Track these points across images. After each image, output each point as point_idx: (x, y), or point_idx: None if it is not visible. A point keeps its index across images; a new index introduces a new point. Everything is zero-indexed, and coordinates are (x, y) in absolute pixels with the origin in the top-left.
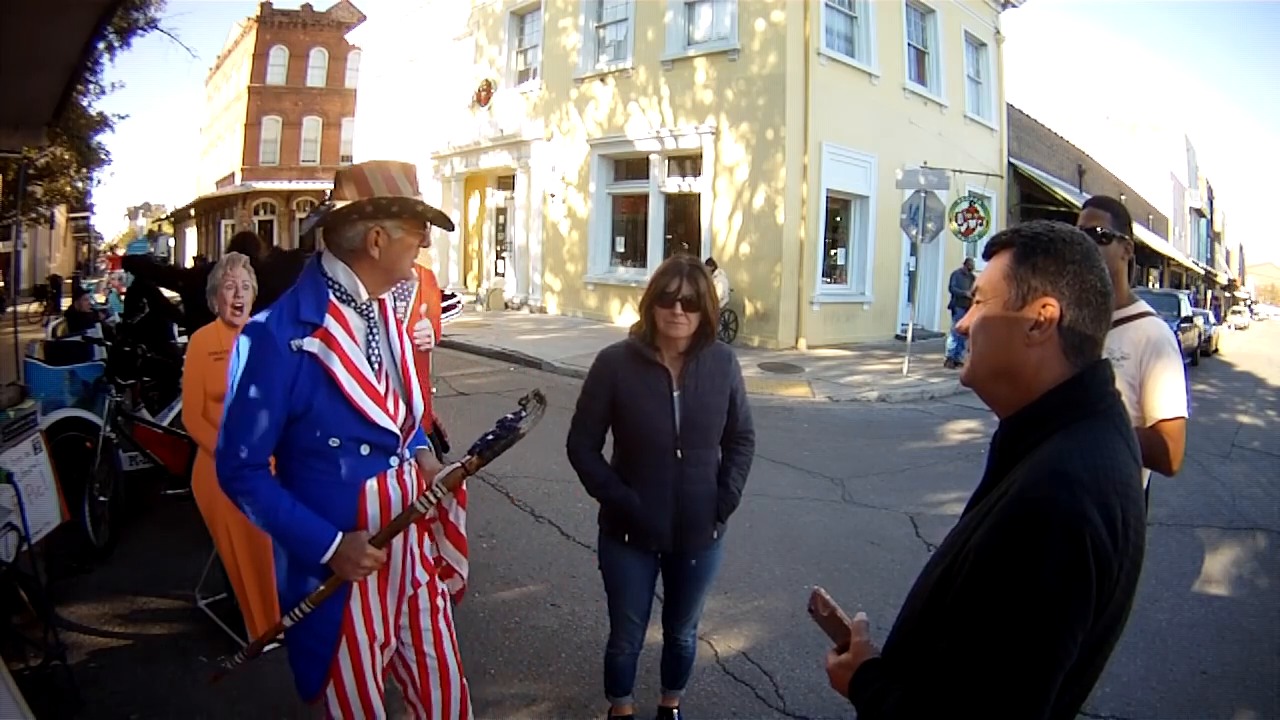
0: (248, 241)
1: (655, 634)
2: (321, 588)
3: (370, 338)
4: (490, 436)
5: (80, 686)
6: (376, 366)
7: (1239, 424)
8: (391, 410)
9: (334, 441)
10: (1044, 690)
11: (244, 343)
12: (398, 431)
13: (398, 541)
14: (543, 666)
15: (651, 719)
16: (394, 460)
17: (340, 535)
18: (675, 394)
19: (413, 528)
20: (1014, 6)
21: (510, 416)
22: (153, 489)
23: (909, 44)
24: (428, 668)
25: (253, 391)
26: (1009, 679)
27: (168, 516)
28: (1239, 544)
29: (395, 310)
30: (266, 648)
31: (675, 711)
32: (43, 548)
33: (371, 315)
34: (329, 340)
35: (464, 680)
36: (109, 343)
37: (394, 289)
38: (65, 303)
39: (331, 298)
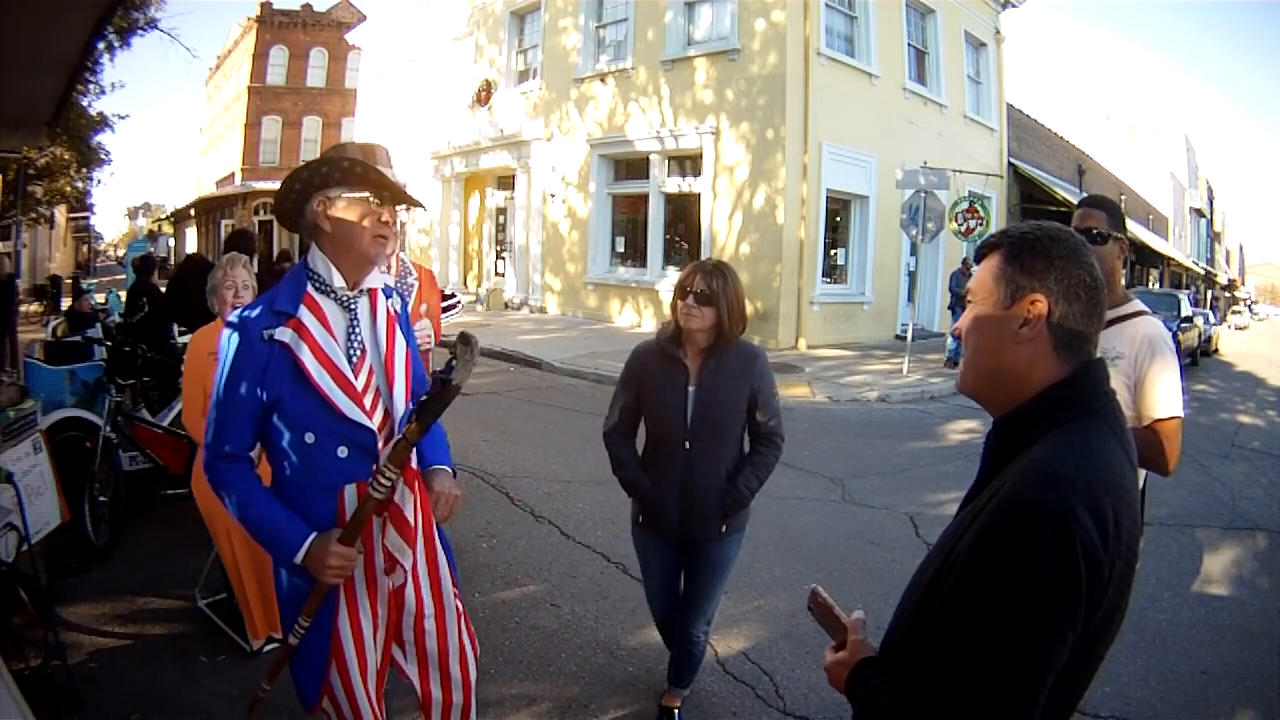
0: (245, 239)
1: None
2: (311, 597)
3: (351, 331)
4: (423, 397)
5: (80, 686)
6: (356, 361)
7: (1239, 424)
8: (368, 406)
9: (309, 438)
10: (1033, 691)
11: (225, 335)
12: (372, 428)
13: (377, 547)
14: (543, 666)
15: (651, 718)
16: (373, 473)
17: (313, 535)
18: (690, 389)
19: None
20: (1014, 6)
21: (440, 370)
22: (153, 489)
23: (909, 44)
24: (429, 671)
25: (228, 383)
26: (998, 680)
27: (168, 516)
28: (1239, 544)
29: (393, 308)
30: (267, 647)
31: (676, 711)
32: (43, 548)
33: (354, 308)
34: (300, 330)
35: (469, 683)
36: (109, 343)
37: (398, 286)
38: (65, 303)
39: (309, 289)
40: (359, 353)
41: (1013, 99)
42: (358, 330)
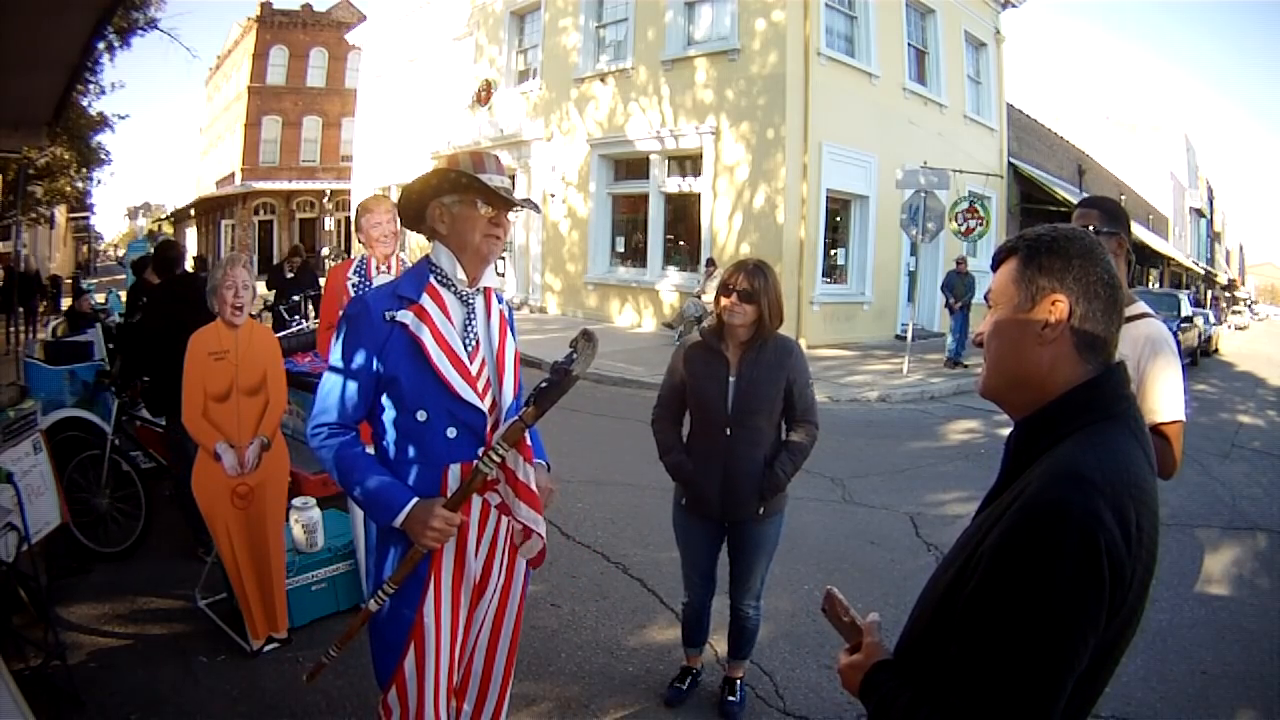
0: (171, 249)
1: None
2: (400, 565)
3: (468, 323)
4: (543, 385)
5: (80, 686)
6: (471, 351)
7: (1239, 424)
8: (480, 392)
9: (421, 416)
10: (1053, 695)
11: (345, 315)
12: (484, 409)
13: (473, 533)
14: (543, 666)
15: (652, 717)
16: (481, 451)
17: (416, 499)
18: (731, 379)
19: (487, 522)
20: (1014, 6)
21: (561, 360)
22: (153, 489)
23: (909, 44)
24: (473, 666)
25: (344, 359)
26: (1019, 682)
27: (168, 517)
28: (1239, 544)
29: (504, 310)
30: (267, 647)
31: (739, 682)
32: (42, 548)
33: (472, 303)
34: (422, 314)
35: (506, 685)
36: (110, 344)
37: None
38: (65, 303)
39: (432, 280)
40: (474, 344)
41: (1013, 99)
42: (473, 323)
